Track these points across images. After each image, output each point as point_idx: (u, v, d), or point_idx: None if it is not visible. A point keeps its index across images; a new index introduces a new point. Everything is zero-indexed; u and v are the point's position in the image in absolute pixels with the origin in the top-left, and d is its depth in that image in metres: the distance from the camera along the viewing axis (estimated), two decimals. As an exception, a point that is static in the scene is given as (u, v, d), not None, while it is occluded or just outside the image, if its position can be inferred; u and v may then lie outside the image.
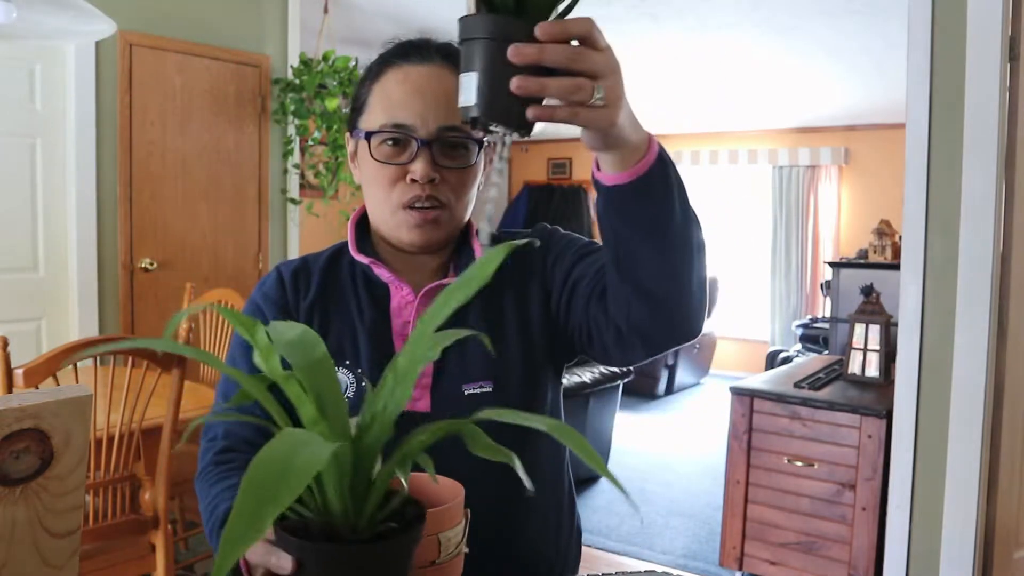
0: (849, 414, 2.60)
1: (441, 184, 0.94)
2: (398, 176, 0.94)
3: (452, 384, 0.95)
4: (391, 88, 0.94)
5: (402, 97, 0.93)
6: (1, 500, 0.61)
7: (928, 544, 2.39)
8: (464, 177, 0.96)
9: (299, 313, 0.99)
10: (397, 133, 0.93)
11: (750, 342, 7.03)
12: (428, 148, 0.92)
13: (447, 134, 0.93)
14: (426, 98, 0.93)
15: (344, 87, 3.70)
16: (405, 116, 0.92)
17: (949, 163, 2.31)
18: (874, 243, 5.07)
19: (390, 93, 0.94)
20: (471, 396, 0.94)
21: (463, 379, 0.95)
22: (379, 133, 0.93)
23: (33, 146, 3.19)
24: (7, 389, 1.76)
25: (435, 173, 0.92)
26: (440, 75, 0.94)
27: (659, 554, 3.23)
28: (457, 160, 0.95)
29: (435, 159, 0.93)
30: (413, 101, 0.93)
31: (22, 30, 1.88)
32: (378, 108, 0.95)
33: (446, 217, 0.96)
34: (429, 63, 0.95)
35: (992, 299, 2.27)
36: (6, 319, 3.08)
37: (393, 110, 0.93)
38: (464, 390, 0.94)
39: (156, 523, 2.06)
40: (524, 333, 0.99)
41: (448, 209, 0.95)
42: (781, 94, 5.82)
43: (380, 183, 0.95)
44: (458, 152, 0.95)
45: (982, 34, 2.22)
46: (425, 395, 0.95)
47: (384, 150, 0.94)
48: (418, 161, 0.92)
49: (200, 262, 3.66)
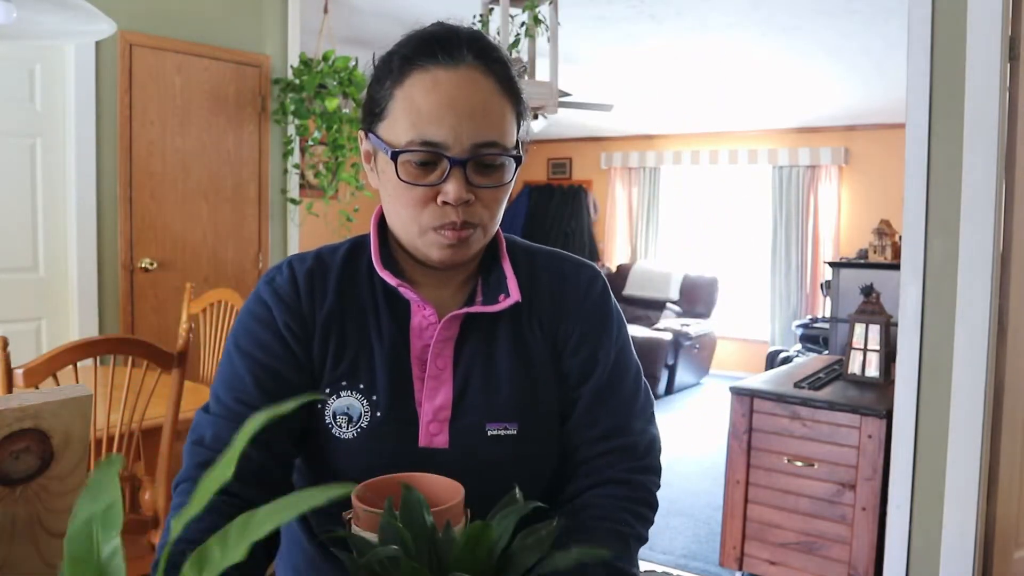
0: (849, 414, 2.60)
1: (475, 203, 0.85)
2: (428, 198, 0.84)
3: (474, 421, 0.89)
4: (419, 98, 0.83)
5: (432, 110, 0.82)
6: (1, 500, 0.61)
7: (928, 544, 2.39)
8: (498, 194, 0.87)
9: (315, 324, 0.90)
10: (428, 152, 0.83)
11: (750, 342, 7.03)
12: (462, 168, 0.83)
13: (482, 151, 0.83)
14: (459, 111, 0.82)
15: (344, 87, 3.70)
16: (436, 133, 0.82)
17: (949, 163, 2.31)
18: (874, 243, 5.06)
19: (418, 104, 0.83)
20: (494, 437, 0.88)
21: (487, 417, 0.89)
22: (407, 152, 0.83)
23: (33, 146, 3.19)
24: (7, 389, 1.76)
25: (469, 195, 0.83)
26: (473, 80, 0.84)
27: (659, 554, 3.23)
28: (492, 178, 0.86)
29: (468, 179, 0.83)
30: (445, 115, 0.82)
31: (22, 30, 1.88)
32: (404, 120, 0.84)
33: (478, 235, 0.87)
34: (460, 65, 0.84)
35: (992, 299, 2.27)
36: (6, 319, 3.07)
37: (422, 125, 0.82)
38: (488, 430, 0.88)
39: (156, 523, 2.06)
40: (555, 377, 0.93)
41: (481, 228, 0.87)
42: (781, 94, 5.82)
43: (406, 203, 0.85)
44: (494, 169, 0.86)
45: (982, 34, 2.22)
46: (443, 430, 0.88)
47: (411, 170, 0.84)
48: (451, 182, 0.83)
49: (200, 262, 3.66)
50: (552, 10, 3.71)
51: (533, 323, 0.94)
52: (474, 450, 0.88)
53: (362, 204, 4.06)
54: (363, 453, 0.87)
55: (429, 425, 0.88)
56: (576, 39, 4.66)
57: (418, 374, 0.90)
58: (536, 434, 0.90)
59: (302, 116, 3.72)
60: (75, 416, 0.66)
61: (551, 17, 3.70)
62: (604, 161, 7.65)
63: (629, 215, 7.60)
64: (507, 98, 0.86)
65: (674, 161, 7.25)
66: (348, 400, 0.88)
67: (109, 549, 0.47)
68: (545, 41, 3.77)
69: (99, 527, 0.47)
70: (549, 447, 0.92)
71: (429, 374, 0.89)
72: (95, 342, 1.88)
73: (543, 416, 0.92)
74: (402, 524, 0.63)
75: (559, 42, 3.81)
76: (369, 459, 0.86)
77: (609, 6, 4.22)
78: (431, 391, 0.89)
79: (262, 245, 3.88)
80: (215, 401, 0.90)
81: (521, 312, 0.93)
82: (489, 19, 3.77)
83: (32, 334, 3.22)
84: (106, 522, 0.47)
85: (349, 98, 3.76)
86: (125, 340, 2.03)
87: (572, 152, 7.90)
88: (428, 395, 0.88)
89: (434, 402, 0.88)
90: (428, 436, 0.88)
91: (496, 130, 0.84)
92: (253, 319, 0.92)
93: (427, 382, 0.89)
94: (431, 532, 0.64)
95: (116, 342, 1.96)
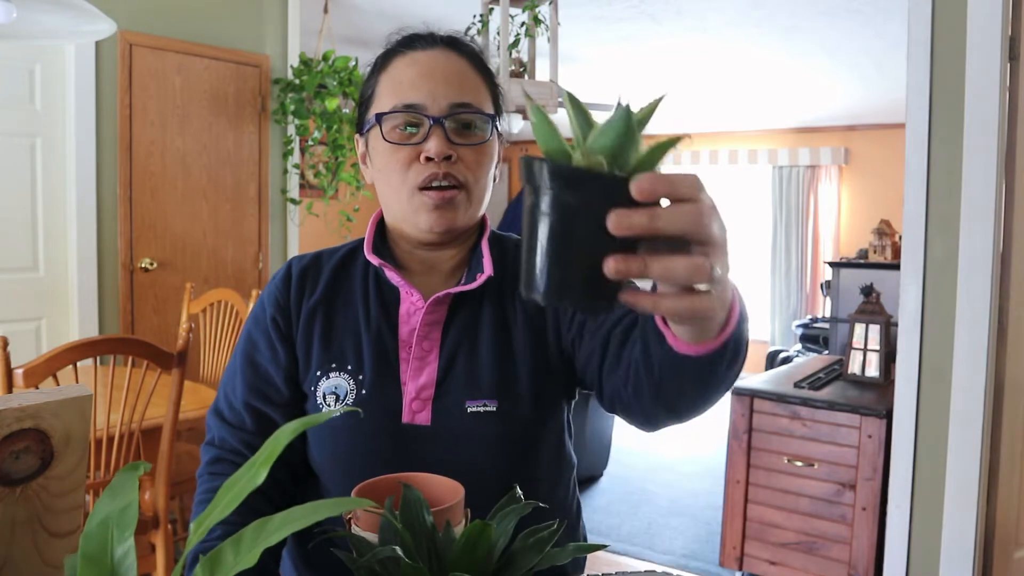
0: (849, 414, 2.60)
1: (457, 162, 0.91)
2: (412, 157, 0.92)
3: (455, 399, 0.92)
4: (399, 73, 0.94)
5: (411, 78, 0.92)
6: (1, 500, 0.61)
7: (928, 544, 2.39)
8: (480, 156, 0.94)
9: (300, 313, 0.98)
10: (409, 113, 0.91)
11: (750, 342, 7.02)
12: (441, 126, 0.91)
13: (459, 111, 0.92)
14: (436, 77, 0.92)
15: (344, 87, 3.70)
16: (415, 96, 0.91)
17: (949, 163, 2.31)
18: (874, 243, 5.07)
19: (399, 77, 0.93)
20: (474, 414, 0.91)
21: (467, 395, 0.92)
22: (390, 115, 0.92)
23: (33, 146, 3.19)
24: (7, 389, 1.76)
25: (450, 150, 0.91)
26: (447, 57, 0.94)
27: (659, 554, 3.23)
28: (472, 137, 0.93)
29: (449, 137, 0.91)
30: (422, 81, 0.92)
31: (22, 30, 1.88)
32: (387, 93, 0.94)
33: (463, 198, 0.93)
34: (435, 48, 0.94)
35: (992, 299, 2.27)
36: (6, 319, 3.08)
37: (403, 92, 0.92)
38: (467, 407, 0.92)
39: (156, 523, 2.06)
40: (535, 354, 0.95)
41: (466, 190, 0.93)
42: (781, 94, 5.82)
43: (394, 167, 0.93)
44: (472, 129, 0.93)
45: (982, 34, 2.22)
46: (426, 408, 0.92)
47: (396, 134, 0.92)
48: (432, 139, 0.90)
49: (200, 262, 3.66)
50: (552, 10, 3.71)
51: (515, 301, 0.97)
52: (454, 427, 0.91)
53: (362, 204, 4.06)
54: (346, 429, 0.92)
55: (412, 403, 0.92)
56: (576, 39, 4.66)
57: (404, 356, 0.94)
58: (515, 412, 0.93)
59: (302, 116, 3.72)
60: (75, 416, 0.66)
61: (551, 17, 3.70)
62: (604, 161, 7.64)
63: (629, 215, 7.59)
64: (480, 75, 0.96)
65: (674, 161, 7.25)
66: (336, 380, 0.94)
67: (122, 549, 0.47)
68: (545, 41, 3.77)
69: (115, 527, 0.48)
70: (526, 426, 0.94)
71: (414, 355, 0.93)
72: (95, 342, 1.88)
73: (521, 395, 0.94)
74: (402, 524, 0.63)
75: (559, 42, 3.81)
76: (352, 436, 0.92)
77: (609, 6, 4.22)
78: (415, 371, 0.93)
79: (262, 245, 3.88)
80: (218, 400, 1.01)
81: (503, 292, 0.98)
82: (489, 19, 3.77)
83: (32, 334, 3.22)
84: (121, 523, 0.47)
85: (349, 98, 3.76)
86: (125, 340, 2.03)
87: (572, 152, 7.89)
88: (412, 375, 0.93)
89: (418, 381, 0.93)
90: (411, 413, 0.92)
91: (471, 94, 0.93)
92: (251, 318, 1.02)
93: (412, 363, 0.93)
94: (431, 532, 0.64)
95: (116, 342, 1.96)
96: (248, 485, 0.46)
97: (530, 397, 0.94)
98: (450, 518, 0.69)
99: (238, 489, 0.46)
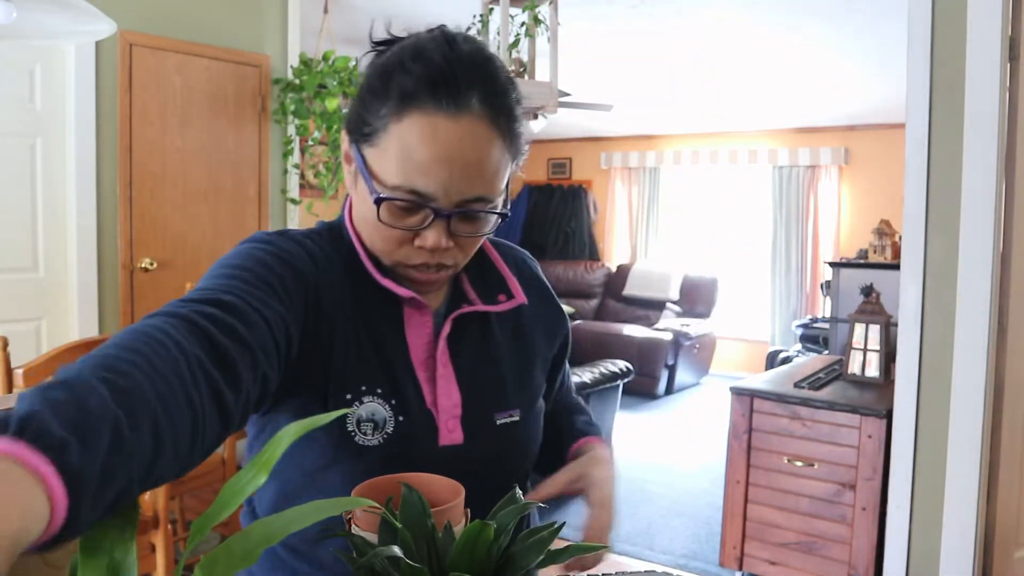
0: (849, 414, 2.60)
1: (452, 248, 0.83)
2: (405, 239, 0.82)
3: (484, 413, 0.90)
4: (414, 145, 0.77)
5: (425, 161, 0.77)
6: (1, 500, 0.61)
7: (928, 544, 2.39)
8: (477, 240, 0.86)
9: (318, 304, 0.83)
10: (413, 199, 0.79)
11: (750, 342, 7.03)
12: (446, 220, 0.80)
13: (470, 206, 0.80)
14: (453, 166, 0.77)
15: (344, 87, 3.70)
16: (425, 184, 0.78)
17: (949, 163, 2.31)
18: (874, 243, 5.07)
19: (412, 151, 0.77)
20: (502, 426, 0.91)
21: (495, 408, 0.91)
22: (391, 200, 0.79)
23: (33, 146, 3.18)
24: (7, 389, 1.76)
25: (448, 243, 0.82)
26: (475, 134, 0.78)
27: (659, 554, 3.23)
28: (474, 227, 0.83)
29: (450, 229, 0.81)
30: (438, 170, 0.77)
31: (22, 30, 1.88)
32: (395, 162, 0.78)
33: (451, 273, 0.88)
34: (464, 113, 0.77)
35: (992, 299, 2.27)
36: (6, 319, 3.07)
37: (412, 174, 0.78)
38: (496, 419, 0.90)
39: (156, 523, 2.06)
40: (543, 366, 1.00)
41: (455, 268, 0.87)
42: (781, 94, 5.82)
43: (382, 238, 0.83)
44: (477, 220, 0.83)
45: (982, 34, 2.22)
46: (457, 427, 0.88)
47: (393, 210, 0.81)
48: (431, 231, 0.81)
49: (200, 262, 3.66)
50: (552, 10, 3.71)
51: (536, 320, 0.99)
52: (487, 441, 0.90)
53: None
54: (383, 459, 0.83)
55: (448, 423, 0.88)
56: (576, 39, 4.66)
57: (422, 375, 0.89)
58: (532, 416, 0.94)
59: (302, 116, 3.72)
60: (75, 416, 0.66)
61: (551, 17, 3.70)
62: (604, 161, 7.65)
63: (629, 215, 7.60)
64: (506, 149, 0.81)
65: (674, 161, 7.25)
66: (372, 406, 0.84)
67: (123, 550, 0.47)
68: (545, 41, 3.77)
69: (115, 527, 0.48)
70: (540, 426, 0.97)
71: (439, 374, 0.89)
72: (95, 342, 1.88)
73: (534, 398, 0.96)
74: (402, 524, 0.63)
75: (559, 42, 3.81)
76: (387, 465, 0.81)
77: (609, 6, 4.22)
78: (444, 390, 0.89)
79: (262, 245, 3.88)
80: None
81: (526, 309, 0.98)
82: (489, 19, 3.77)
83: (32, 334, 3.22)
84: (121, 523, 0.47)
85: (349, 98, 3.76)
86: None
87: (572, 152, 7.90)
88: (441, 394, 0.88)
89: (447, 400, 0.89)
90: (447, 434, 0.88)
91: (488, 187, 0.80)
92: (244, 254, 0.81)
93: (438, 382, 0.89)
94: (431, 532, 0.64)
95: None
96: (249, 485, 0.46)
97: (539, 398, 0.97)
98: (450, 518, 0.69)
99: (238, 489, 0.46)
